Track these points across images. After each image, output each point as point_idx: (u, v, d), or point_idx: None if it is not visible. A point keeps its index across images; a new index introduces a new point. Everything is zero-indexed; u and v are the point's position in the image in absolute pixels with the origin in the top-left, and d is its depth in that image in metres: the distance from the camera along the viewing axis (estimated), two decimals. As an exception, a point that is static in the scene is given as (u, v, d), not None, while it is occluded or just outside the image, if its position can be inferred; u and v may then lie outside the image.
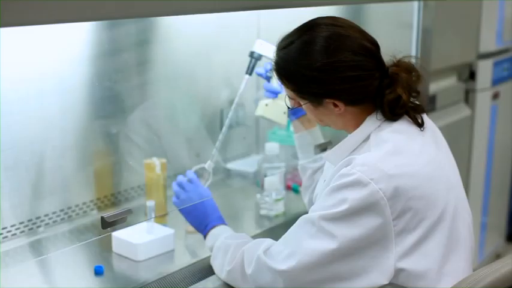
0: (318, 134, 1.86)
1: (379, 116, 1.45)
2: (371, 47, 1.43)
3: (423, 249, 1.35)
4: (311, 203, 1.78)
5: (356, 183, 1.33)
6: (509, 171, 3.64)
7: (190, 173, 1.80)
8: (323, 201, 1.39)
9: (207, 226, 1.69)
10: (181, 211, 1.75)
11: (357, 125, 1.47)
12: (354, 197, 1.32)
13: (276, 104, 1.88)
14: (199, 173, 1.87)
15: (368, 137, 1.44)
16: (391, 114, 1.44)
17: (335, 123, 1.51)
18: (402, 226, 1.34)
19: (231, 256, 1.53)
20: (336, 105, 1.44)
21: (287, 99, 1.55)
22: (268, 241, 1.50)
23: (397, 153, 1.37)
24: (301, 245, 1.39)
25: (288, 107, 1.57)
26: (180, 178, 1.79)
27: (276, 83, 1.86)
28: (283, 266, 1.40)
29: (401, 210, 1.33)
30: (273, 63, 1.50)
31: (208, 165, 1.92)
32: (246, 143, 2.55)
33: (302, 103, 1.50)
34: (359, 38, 1.43)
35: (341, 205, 1.34)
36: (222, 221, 1.71)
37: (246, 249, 1.51)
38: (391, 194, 1.32)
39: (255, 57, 1.87)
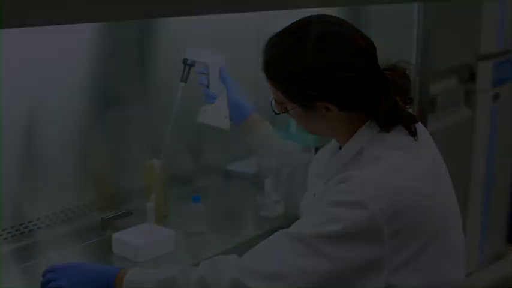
0: (269, 127, 1.81)
1: (373, 124, 1.37)
2: (366, 47, 1.36)
3: (416, 264, 1.30)
4: (291, 198, 1.75)
5: (354, 204, 1.25)
6: (509, 172, 3.63)
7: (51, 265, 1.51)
8: (312, 217, 1.30)
9: (108, 280, 1.39)
10: None
11: (349, 132, 1.39)
12: (350, 217, 1.24)
13: (215, 109, 1.82)
14: None
15: (361, 151, 1.37)
16: (386, 123, 1.36)
17: (325, 130, 1.43)
18: (397, 244, 1.27)
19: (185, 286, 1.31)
20: (328, 109, 1.35)
21: (273, 103, 1.45)
22: (231, 258, 1.33)
23: (395, 171, 1.30)
24: (290, 264, 1.26)
25: (275, 112, 1.45)
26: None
27: (214, 87, 1.83)
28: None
29: (398, 229, 1.27)
30: (261, 60, 1.39)
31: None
32: (246, 144, 2.54)
33: (291, 108, 1.39)
34: (354, 37, 1.35)
35: (334, 223, 1.25)
36: (117, 268, 1.42)
37: (205, 275, 1.30)
38: (390, 214, 1.25)
39: (188, 64, 1.81)
